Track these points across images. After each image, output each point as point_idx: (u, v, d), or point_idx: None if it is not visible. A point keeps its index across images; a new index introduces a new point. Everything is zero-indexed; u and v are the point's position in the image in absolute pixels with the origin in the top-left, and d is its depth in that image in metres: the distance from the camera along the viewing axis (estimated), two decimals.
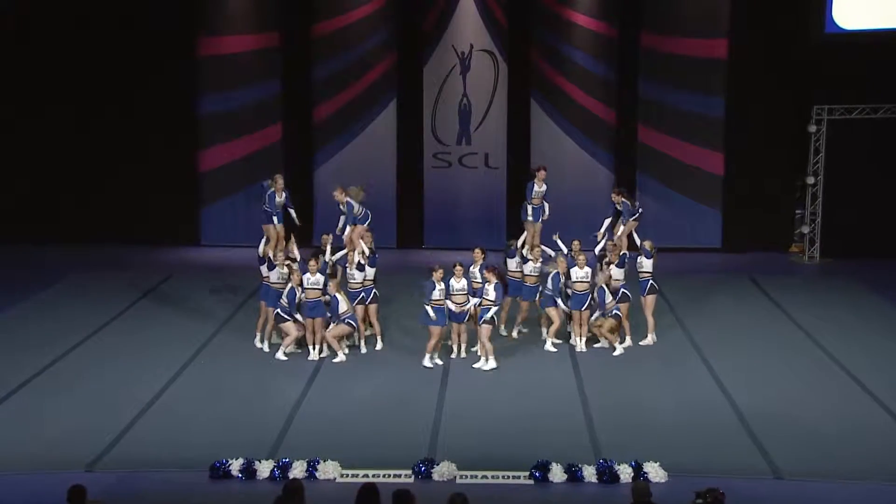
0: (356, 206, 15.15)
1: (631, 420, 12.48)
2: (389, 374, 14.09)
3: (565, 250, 15.19)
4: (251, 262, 15.30)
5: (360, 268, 14.86)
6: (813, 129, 20.91)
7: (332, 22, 21.67)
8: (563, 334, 15.34)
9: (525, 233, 15.82)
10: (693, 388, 13.56)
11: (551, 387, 13.62)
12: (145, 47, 21.38)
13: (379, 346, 15.05)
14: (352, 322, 14.55)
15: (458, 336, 14.71)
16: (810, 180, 21.16)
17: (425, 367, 14.19)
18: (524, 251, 15.50)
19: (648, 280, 15.19)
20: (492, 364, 14.19)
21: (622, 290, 15.04)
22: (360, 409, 12.80)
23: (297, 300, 14.51)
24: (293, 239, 15.30)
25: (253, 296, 16.52)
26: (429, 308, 14.13)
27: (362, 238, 15.13)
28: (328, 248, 15.33)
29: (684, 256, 21.33)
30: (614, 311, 14.83)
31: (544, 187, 16.00)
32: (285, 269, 14.77)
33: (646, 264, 15.12)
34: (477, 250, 14.90)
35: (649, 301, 15.23)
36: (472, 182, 21.96)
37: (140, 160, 21.84)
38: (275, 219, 15.30)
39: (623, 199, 15.87)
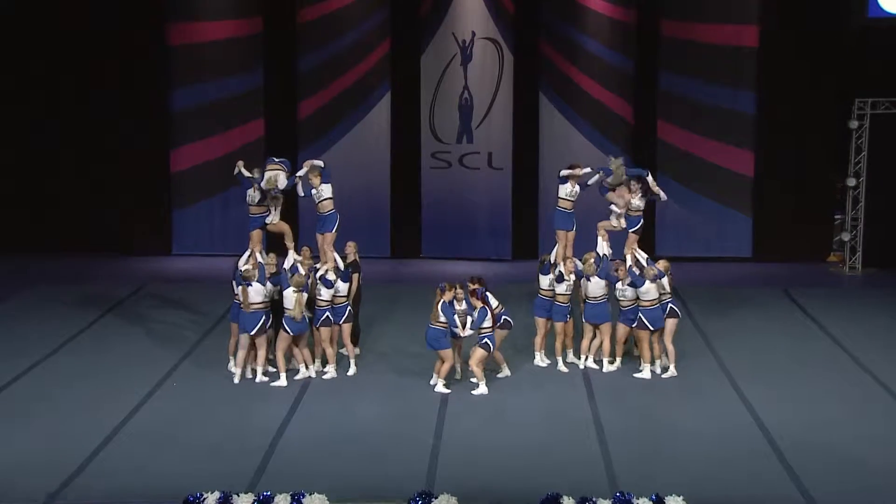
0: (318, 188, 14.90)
1: (651, 448, 12.45)
2: (383, 398, 14.07)
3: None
4: (228, 273, 15.28)
5: (328, 284, 14.81)
6: (854, 125, 20.94)
7: (320, 6, 21.76)
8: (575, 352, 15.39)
9: (557, 244, 15.30)
10: (720, 412, 13.53)
11: (562, 412, 13.59)
12: (109, 35, 21.41)
13: (352, 370, 14.96)
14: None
15: (458, 354, 14.72)
16: (851, 182, 21.18)
17: (439, 391, 14.19)
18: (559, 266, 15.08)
19: (667, 303, 14.94)
20: (482, 389, 14.21)
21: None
22: (349, 435, 12.75)
23: None
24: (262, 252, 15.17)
25: None
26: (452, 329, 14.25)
27: (347, 248, 15.13)
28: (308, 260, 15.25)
29: (710, 267, 21.35)
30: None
31: (577, 188, 15.29)
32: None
33: (664, 284, 15.00)
34: (470, 281, 14.69)
35: (669, 326, 14.89)
36: (474, 184, 21.99)
37: (104, 160, 21.88)
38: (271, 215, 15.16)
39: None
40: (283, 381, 14.44)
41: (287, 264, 14.77)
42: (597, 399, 13.99)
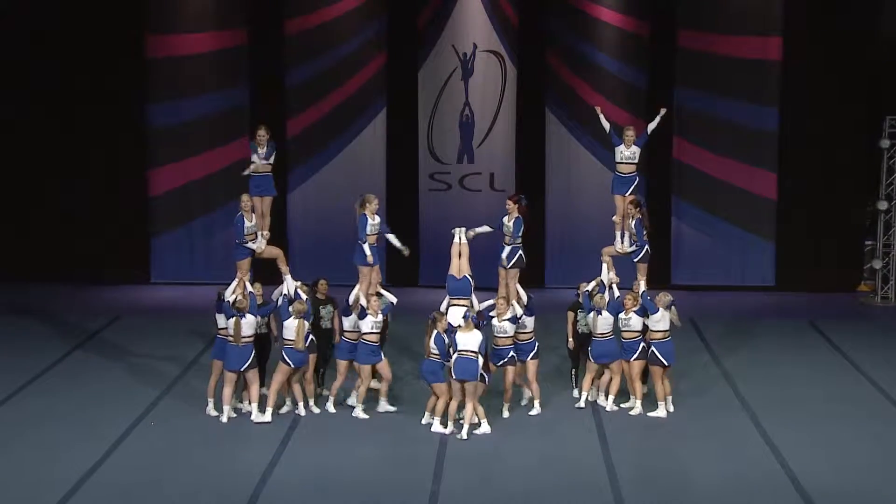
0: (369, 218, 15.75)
1: (668, 496, 12.34)
2: (377, 438, 14.02)
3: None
4: (210, 303, 15.20)
5: (363, 315, 14.79)
6: (886, 144, 20.94)
7: (311, 17, 21.75)
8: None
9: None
10: (742, 456, 13.45)
11: (572, 455, 13.52)
12: (82, 47, 21.37)
13: (329, 407, 15.02)
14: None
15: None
16: (883, 205, 21.16)
17: (436, 432, 14.12)
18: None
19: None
20: (485, 428, 14.16)
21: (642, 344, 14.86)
22: (341, 480, 12.67)
23: None
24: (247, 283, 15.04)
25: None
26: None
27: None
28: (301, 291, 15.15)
29: (730, 296, 21.30)
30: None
31: (512, 224, 15.88)
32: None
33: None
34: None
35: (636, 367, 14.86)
36: (475, 207, 21.89)
37: (77, 182, 21.79)
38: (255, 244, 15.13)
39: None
40: (268, 417, 14.39)
41: (288, 289, 14.80)
42: (609, 441, 13.90)
